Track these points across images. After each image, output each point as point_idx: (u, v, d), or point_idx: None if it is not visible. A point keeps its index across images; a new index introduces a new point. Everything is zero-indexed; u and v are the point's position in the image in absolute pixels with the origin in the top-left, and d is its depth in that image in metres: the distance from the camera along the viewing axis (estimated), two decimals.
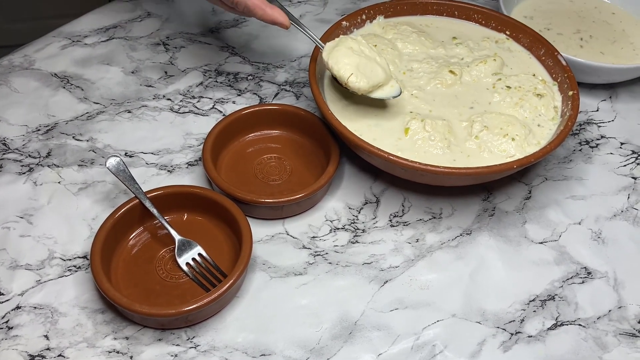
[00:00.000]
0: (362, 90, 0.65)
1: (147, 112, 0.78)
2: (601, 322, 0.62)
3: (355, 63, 0.65)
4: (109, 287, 0.56)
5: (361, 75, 0.65)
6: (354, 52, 0.66)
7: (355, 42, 0.67)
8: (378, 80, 0.66)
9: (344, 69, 0.65)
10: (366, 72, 0.65)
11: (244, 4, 0.63)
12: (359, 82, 0.65)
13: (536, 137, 0.68)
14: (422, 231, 0.68)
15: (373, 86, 0.65)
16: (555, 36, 0.87)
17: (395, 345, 0.58)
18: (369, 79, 0.65)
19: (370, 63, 0.65)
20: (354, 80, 0.64)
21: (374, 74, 0.65)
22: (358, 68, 0.65)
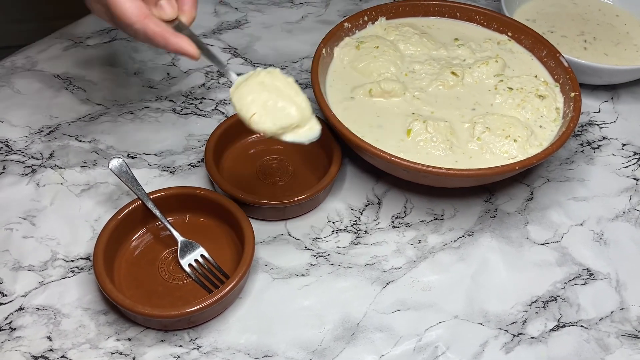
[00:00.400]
0: (268, 133, 0.55)
1: (150, 113, 0.78)
2: (603, 323, 0.62)
3: (263, 100, 0.55)
4: (111, 289, 0.56)
5: (267, 115, 0.55)
6: (265, 87, 0.56)
7: (270, 75, 0.57)
8: (289, 121, 0.55)
9: (247, 108, 0.55)
10: (274, 111, 0.55)
11: (142, 32, 0.54)
12: (264, 124, 0.55)
13: (538, 139, 0.68)
14: (424, 232, 0.68)
15: (282, 128, 0.55)
16: (559, 38, 0.87)
17: (398, 347, 0.59)
18: (277, 120, 0.55)
19: (282, 101, 0.56)
20: (256, 120, 0.55)
21: (285, 114, 0.55)
22: (265, 106, 0.55)
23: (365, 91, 0.72)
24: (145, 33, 0.54)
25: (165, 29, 0.55)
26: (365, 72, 0.75)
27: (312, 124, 0.57)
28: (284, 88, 0.57)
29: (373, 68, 0.75)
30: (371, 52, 0.76)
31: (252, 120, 0.55)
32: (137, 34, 0.55)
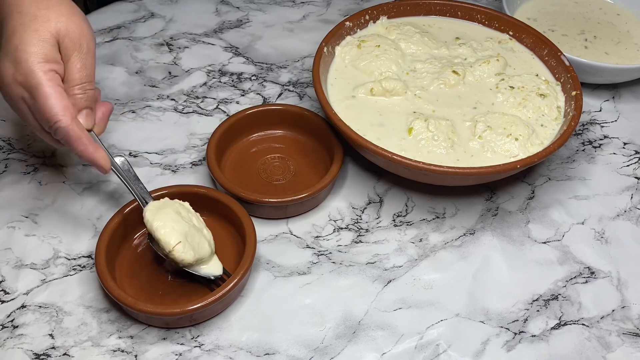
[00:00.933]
0: (185, 262, 0.56)
1: (151, 112, 0.78)
2: (605, 321, 0.62)
3: (184, 231, 0.56)
4: (113, 286, 0.57)
5: (189, 246, 0.56)
6: (182, 218, 0.58)
7: (183, 207, 0.59)
8: (204, 254, 0.57)
9: (171, 235, 0.55)
10: (193, 243, 0.57)
11: (65, 131, 0.52)
12: (185, 253, 0.56)
13: (539, 137, 0.69)
14: (426, 231, 0.68)
15: (198, 260, 0.57)
16: (560, 37, 0.87)
17: (399, 345, 0.59)
18: (196, 252, 0.57)
19: (197, 234, 0.58)
20: (180, 249, 0.55)
21: (201, 247, 0.57)
22: (186, 237, 0.56)
23: (367, 90, 0.72)
24: (67, 133, 0.52)
25: (87, 134, 0.54)
26: (367, 70, 0.75)
27: (215, 260, 0.60)
28: (196, 222, 0.59)
29: (374, 67, 0.75)
30: (372, 51, 0.76)
31: (176, 249, 0.56)
32: (56, 132, 0.53)
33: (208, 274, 0.59)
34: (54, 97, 0.52)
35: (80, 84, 0.55)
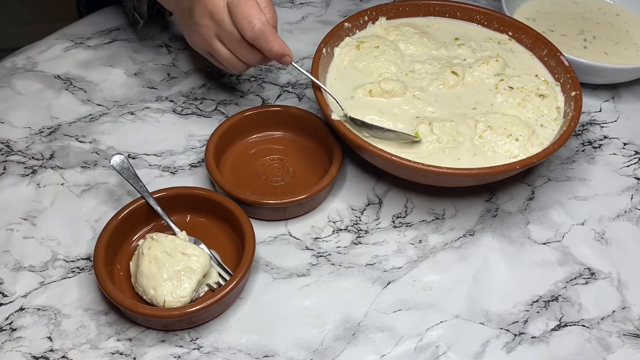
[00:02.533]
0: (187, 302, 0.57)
1: (150, 113, 0.78)
2: (605, 322, 0.61)
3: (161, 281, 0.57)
4: (112, 289, 0.56)
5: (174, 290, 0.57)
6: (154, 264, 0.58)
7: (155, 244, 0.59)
8: (196, 279, 0.57)
9: (156, 297, 0.57)
10: (179, 282, 0.57)
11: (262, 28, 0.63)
12: (177, 302, 0.56)
13: (539, 138, 0.68)
14: (425, 232, 0.68)
15: (195, 289, 0.58)
16: (559, 37, 0.87)
17: (399, 347, 0.58)
18: (186, 288, 0.57)
19: (177, 266, 0.58)
20: (170, 304, 0.56)
21: (188, 275, 0.58)
22: (167, 284, 0.57)
23: (366, 91, 0.72)
24: (265, 28, 0.62)
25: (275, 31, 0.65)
26: (366, 71, 0.75)
27: (212, 274, 0.60)
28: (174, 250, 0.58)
29: (373, 68, 0.75)
30: (371, 52, 0.76)
31: (167, 305, 0.56)
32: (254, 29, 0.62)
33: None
34: (254, 3, 0.63)
35: (272, 17, 0.65)
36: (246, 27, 0.63)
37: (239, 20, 0.63)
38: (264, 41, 0.63)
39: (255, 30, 0.62)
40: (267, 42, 0.63)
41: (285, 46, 0.65)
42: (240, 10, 0.63)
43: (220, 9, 0.64)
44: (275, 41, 0.64)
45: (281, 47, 0.64)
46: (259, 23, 0.62)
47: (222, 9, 0.64)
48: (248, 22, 0.62)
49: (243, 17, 0.62)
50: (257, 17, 0.62)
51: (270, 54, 0.65)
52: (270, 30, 0.63)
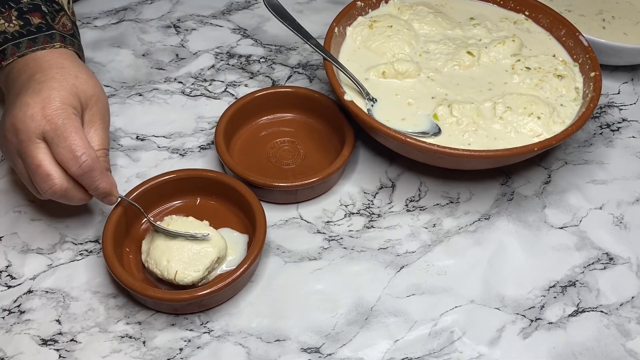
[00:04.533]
0: (196, 281, 0.56)
1: (159, 95, 0.76)
2: (624, 308, 0.60)
3: (176, 255, 0.56)
4: (121, 272, 0.56)
5: (187, 266, 0.56)
6: (171, 239, 0.57)
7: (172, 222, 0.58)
8: (210, 260, 0.57)
9: (167, 270, 0.56)
10: (192, 260, 0.56)
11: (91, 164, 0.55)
12: (189, 276, 0.56)
13: (561, 116, 0.66)
14: (439, 216, 0.66)
15: (208, 268, 0.57)
16: (577, 17, 0.84)
17: (413, 332, 0.57)
18: (198, 265, 0.56)
19: (194, 245, 0.57)
20: (182, 277, 0.55)
21: (203, 255, 0.57)
22: (181, 259, 0.56)
23: (379, 72, 0.70)
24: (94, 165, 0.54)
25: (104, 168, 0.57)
26: (379, 51, 0.73)
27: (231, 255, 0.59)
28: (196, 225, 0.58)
29: (387, 48, 0.73)
30: (385, 31, 0.74)
31: (178, 277, 0.56)
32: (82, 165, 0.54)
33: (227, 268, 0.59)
34: (81, 134, 0.55)
35: (102, 148, 0.58)
36: (71, 161, 0.54)
37: (62, 152, 0.54)
38: (90, 179, 0.55)
39: (83, 167, 0.54)
40: (94, 180, 0.55)
41: (113, 185, 0.57)
42: (65, 142, 0.53)
43: (30, 132, 0.53)
44: (102, 179, 0.56)
45: (108, 185, 0.57)
46: (89, 159, 0.54)
47: (32, 133, 0.53)
48: (74, 156, 0.53)
49: (68, 150, 0.53)
50: (86, 152, 0.54)
51: (95, 192, 0.57)
52: (99, 167, 0.55)
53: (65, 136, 0.54)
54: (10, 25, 0.59)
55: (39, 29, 0.60)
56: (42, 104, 0.54)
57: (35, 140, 0.54)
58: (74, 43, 0.63)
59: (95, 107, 0.59)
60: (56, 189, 0.54)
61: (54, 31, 0.60)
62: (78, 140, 0.54)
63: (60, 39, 0.61)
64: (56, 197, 0.55)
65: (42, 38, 0.60)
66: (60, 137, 0.54)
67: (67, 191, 0.55)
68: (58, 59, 0.59)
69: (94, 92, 0.59)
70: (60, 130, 0.54)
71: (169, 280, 0.56)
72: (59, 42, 0.60)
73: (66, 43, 0.61)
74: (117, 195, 0.58)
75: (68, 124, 0.54)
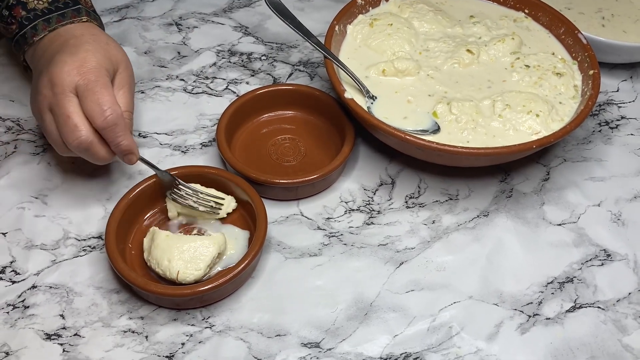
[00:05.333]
0: (199, 279, 0.57)
1: (161, 92, 0.77)
2: (621, 304, 0.61)
3: (177, 254, 0.57)
4: (124, 267, 0.56)
5: (188, 265, 0.56)
6: (171, 238, 0.58)
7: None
8: (210, 257, 0.57)
9: (169, 269, 0.57)
10: (193, 258, 0.57)
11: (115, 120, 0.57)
12: (191, 275, 0.56)
13: (559, 114, 0.67)
14: (439, 213, 0.67)
15: (209, 265, 0.57)
16: (577, 15, 0.85)
17: (412, 327, 0.58)
18: (199, 263, 0.57)
19: (194, 242, 0.57)
20: (184, 276, 0.56)
21: (203, 252, 0.57)
22: (182, 258, 0.57)
23: (379, 70, 0.71)
24: (118, 121, 0.57)
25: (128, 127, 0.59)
26: (379, 50, 0.73)
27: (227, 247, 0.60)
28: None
29: (387, 46, 0.73)
30: (385, 29, 0.74)
31: (180, 277, 0.56)
32: (107, 119, 0.56)
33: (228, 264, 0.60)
34: (111, 91, 0.58)
35: (127, 110, 0.61)
36: (97, 114, 0.56)
37: (90, 105, 0.56)
38: (113, 133, 0.57)
39: (107, 120, 0.56)
40: (116, 135, 0.57)
41: (134, 145, 0.59)
42: (94, 96, 0.56)
43: (65, 85, 0.56)
44: (125, 136, 0.58)
45: (131, 143, 0.58)
46: (114, 114, 0.56)
47: (66, 86, 0.56)
48: (100, 109, 0.56)
49: (96, 104, 0.56)
50: (112, 107, 0.56)
51: (116, 148, 0.58)
52: (123, 123, 0.57)
53: (95, 91, 0.57)
54: (39, 3, 0.63)
55: (66, 4, 0.64)
56: (79, 62, 0.58)
57: (68, 94, 0.57)
58: (97, 18, 0.67)
59: (125, 73, 0.62)
60: (82, 140, 0.56)
61: (80, 6, 0.64)
62: (106, 95, 0.57)
63: (86, 13, 0.64)
64: (81, 149, 0.57)
65: (70, 12, 0.63)
66: (90, 91, 0.57)
67: (91, 144, 0.57)
68: (87, 29, 0.63)
69: (124, 59, 0.62)
70: (91, 84, 0.57)
71: (171, 280, 0.57)
72: (86, 16, 0.64)
73: (91, 17, 0.65)
74: (137, 154, 0.60)
75: (100, 81, 0.57)
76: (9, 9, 0.63)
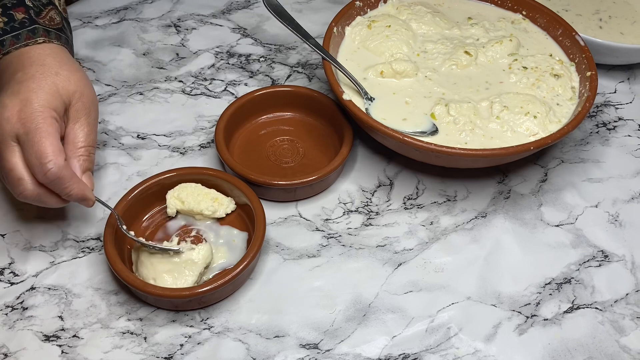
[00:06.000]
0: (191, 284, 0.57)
1: (159, 94, 0.77)
2: (618, 305, 0.61)
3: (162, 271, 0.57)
4: (122, 269, 0.56)
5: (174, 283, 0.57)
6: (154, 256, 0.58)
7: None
8: (197, 272, 0.57)
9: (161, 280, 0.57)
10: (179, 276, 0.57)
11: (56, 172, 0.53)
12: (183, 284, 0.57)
13: (557, 116, 0.67)
14: (437, 214, 0.67)
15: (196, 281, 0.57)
16: (574, 17, 0.85)
17: (410, 328, 0.58)
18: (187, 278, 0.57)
19: (179, 258, 0.57)
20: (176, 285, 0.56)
21: (189, 266, 0.57)
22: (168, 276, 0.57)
23: (377, 72, 0.71)
24: (60, 172, 0.53)
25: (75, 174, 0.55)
26: (377, 51, 0.74)
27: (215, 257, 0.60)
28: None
29: (385, 47, 0.73)
30: (383, 31, 0.74)
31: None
32: (47, 173, 0.52)
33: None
34: (52, 140, 0.53)
35: (86, 146, 0.57)
36: (38, 169, 0.52)
37: (30, 159, 0.53)
38: (58, 186, 0.54)
39: (48, 175, 0.52)
40: (63, 187, 0.54)
41: (86, 190, 0.56)
42: (33, 148, 0.52)
43: (5, 135, 0.53)
44: (73, 185, 0.54)
45: (80, 191, 0.55)
46: (55, 167, 0.52)
47: (7, 135, 0.53)
48: (40, 164, 0.52)
49: (35, 157, 0.52)
50: (54, 159, 0.52)
51: (68, 198, 0.55)
52: (67, 174, 0.53)
53: (35, 141, 0.52)
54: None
55: (22, 24, 0.59)
56: (20, 105, 0.54)
57: (10, 143, 0.53)
58: (61, 37, 0.61)
59: (79, 103, 0.57)
60: (27, 194, 0.54)
61: (37, 25, 0.59)
62: (47, 146, 0.52)
63: (44, 33, 0.59)
64: (29, 201, 0.55)
65: (25, 34, 0.58)
66: (30, 141, 0.53)
67: (40, 196, 0.54)
68: (40, 56, 0.57)
69: (77, 88, 0.57)
70: (31, 134, 0.53)
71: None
72: (42, 37, 0.59)
73: (51, 37, 0.59)
74: (92, 199, 0.57)
75: (41, 128, 0.53)
76: None
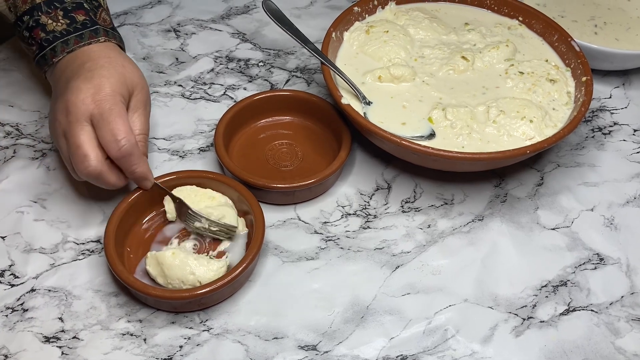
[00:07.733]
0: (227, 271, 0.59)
1: (159, 98, 0.78)
2: (613, 307, 0.61)
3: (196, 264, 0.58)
4: (122, 270, 0.57)
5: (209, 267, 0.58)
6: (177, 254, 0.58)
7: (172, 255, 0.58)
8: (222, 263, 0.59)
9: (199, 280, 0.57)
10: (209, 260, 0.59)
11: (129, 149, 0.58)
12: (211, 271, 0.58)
13: (553, 120, 0.68)
14: (434, 217, 0.68)
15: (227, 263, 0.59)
16: (570, 23, 0.86)
17: (407, 330, 0.59)
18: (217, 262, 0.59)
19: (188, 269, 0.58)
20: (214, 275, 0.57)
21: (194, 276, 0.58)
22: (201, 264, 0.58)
23: (375, 77, 0.72)
24: (132, 150, 0.58)
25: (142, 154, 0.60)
26: (375, 56, 0.74)
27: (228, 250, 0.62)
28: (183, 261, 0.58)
29: (383, 52, 0.74)
30: (381, 36, 0.75)
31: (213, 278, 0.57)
32: (122, 149, 0.57)
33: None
34: (125, 120, 0.58)
35: (142, 134, 0.62)
36: (112, 145, 0.57)
37: (105, 136, 0.57)
38: (128, 162, 0.59)
39: (122, 151, 0.58)
40: (131, 164, 0.59)
41: (149, 170, 0.61)
42: (109, 126, 0.57)
43: (79, 114, 0.57)
44: (139, 163, 0.59)
45: (145, 170, 0.60)
46: (128, 144, 0.58)
47: (80, 115, 0.57)
48: (115, 140, 0.57)
49: (110, 134, 0.57)
50: (127, 136, 0.57)
51: (131, 175, 0.60)
52: (137, 152, 0.59)
53: (110, 120, 0.57)
54: (58, 25, 0.63)
55: (84, 25, 0.64)
56: (94, 89, 0.58)
57: (82, 122, 0.57)
58: (116, 36, 0.67)
59: (140, 95, 0.62)
60: (90, 170, 0.57)
61: (98, 26, 0.64)
62: (121, 125, 0.57)
63: (104, 33, 0.65)
64: (90, 178, 0.58)
65: (88, 33, 0.63)
66: (105, 120, 0.57)
67: (101, 174, 0.58)
68: (104, 50, 0.63)
69: (139, 81, 0.63)
70: (106, 114, 0.57)
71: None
72: (103, 36, 0.64)
73: (109, 36, 0.65)
74: (152, 179, 0.61)
75: (114, 109, 0.58)
76: (29, 30, 0.63)
